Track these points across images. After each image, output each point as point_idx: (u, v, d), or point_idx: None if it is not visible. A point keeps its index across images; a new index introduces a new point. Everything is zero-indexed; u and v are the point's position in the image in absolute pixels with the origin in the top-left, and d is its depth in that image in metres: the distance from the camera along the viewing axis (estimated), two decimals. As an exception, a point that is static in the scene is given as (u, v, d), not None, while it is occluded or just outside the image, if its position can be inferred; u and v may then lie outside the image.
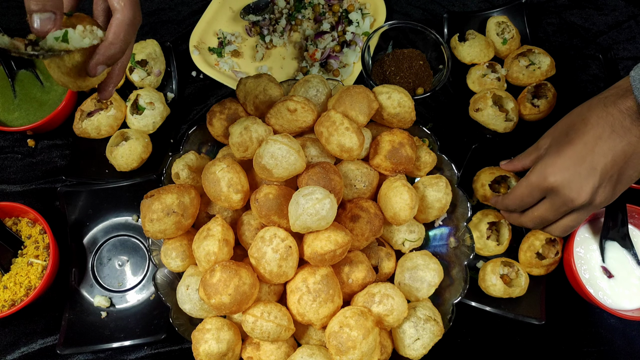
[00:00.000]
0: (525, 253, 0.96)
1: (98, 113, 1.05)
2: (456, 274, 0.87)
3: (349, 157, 0.84)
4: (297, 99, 0.83)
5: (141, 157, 1.03)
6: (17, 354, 0.96)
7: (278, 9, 1.20)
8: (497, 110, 1.04)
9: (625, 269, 0.95)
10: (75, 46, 0.60)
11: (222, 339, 0.78)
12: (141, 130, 1.06)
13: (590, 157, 0.74)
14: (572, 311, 0.98)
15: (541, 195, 0.79)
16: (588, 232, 0.98)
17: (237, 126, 0.84)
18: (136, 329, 0.95)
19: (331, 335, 0.74)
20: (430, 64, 1.09)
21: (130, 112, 1.07)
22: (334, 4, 1.20)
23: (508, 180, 1.00)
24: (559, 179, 0.75)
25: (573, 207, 0.76)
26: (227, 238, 0.79)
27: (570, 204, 0.76)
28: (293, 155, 0.76)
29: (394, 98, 0.89)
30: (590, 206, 0.77)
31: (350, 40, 1.17)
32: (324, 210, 0.72)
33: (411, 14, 1.23)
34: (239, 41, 1.20)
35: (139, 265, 1.02)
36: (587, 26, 1.21)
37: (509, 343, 0.96)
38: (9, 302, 0.93)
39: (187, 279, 0.82)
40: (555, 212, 0.79)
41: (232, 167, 0.81)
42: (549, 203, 0.79)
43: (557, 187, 0.75)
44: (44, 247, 0.97)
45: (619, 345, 0.97)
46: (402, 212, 0.82)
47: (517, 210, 0.85)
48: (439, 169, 0.94)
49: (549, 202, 0.79)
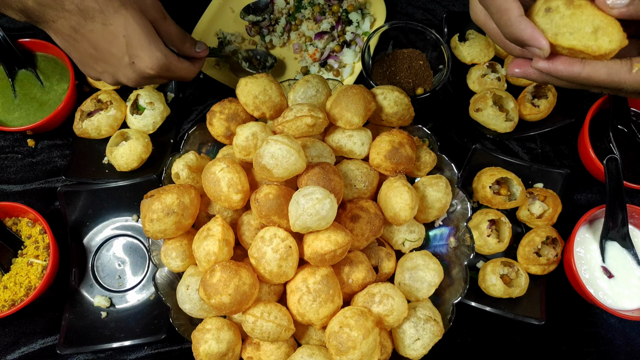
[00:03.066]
0: (524, 248, 0.96)
1: (98, 113, 1.05)
2: (456, 274, 0.87)
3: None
4: (315, 114, 0.83)
5: (141, 157, 1.03)
6: (17, 354, 0.96)
7: (278, 9, 1.20)
8: (497, 110, 1.04)
9: (625, 269, 0.95)
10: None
11: (222, 339, 0.78)
12: (141, 130, 1.06)
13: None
14: (572, 311, 0.98)
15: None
16: (588, 232, 0.98)
17: (246, 129, 0.84)
18: (136, 329, 0.95)
19: (331, 335, 0.74)
20: (430, 64, 1.09)
21: (130, 112, 1.07)
22: (334, 4, 1.20)
23: (509, 181, 1.00)
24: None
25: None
26: (227, 238, 0.79)
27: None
28: (293, 155, 0.76)
29: (390, 97, 0.89)
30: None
31: (350, 40, 1.17)
32: (324, 210, 0.72)
33: (411, 14, 1.23)
34: (239, 41, 1.20)
35: (139, 265, 1.02)
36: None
37: (509, 343, 0.96)
38: (9, 302, 0.93)
39: (187, 279, 0.82)
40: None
41: (232, 167, 0.81)
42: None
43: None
44: (44, 247, 0.97)
45: (619, 345, 0.97)
46: (402, 212, 0.82)
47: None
48: (439, 169, 0.94)
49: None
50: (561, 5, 0.55)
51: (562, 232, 0.98)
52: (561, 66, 0.56)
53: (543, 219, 0.99)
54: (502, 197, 0.99)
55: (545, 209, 0.98)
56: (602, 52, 0.54)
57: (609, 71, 0.55)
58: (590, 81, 0.57)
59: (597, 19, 0.54)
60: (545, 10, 0.55)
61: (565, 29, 0.55)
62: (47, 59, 1.12)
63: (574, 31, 0.55)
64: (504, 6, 0.56)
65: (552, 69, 0.57)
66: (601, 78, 0.56)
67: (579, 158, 1.09)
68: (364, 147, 0.88)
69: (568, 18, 0.54)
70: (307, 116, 0.82)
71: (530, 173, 1.05)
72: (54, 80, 1.10)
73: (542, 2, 0.57)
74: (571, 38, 0.55)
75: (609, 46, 0.54)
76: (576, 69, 0.56)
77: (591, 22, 0.54)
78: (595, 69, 0.56)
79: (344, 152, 0.89)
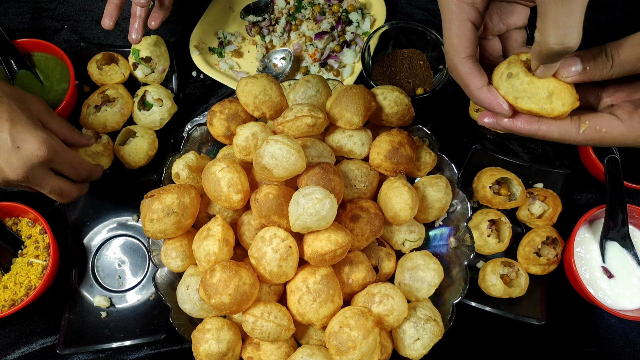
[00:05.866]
0: (524, 248, 0.96)
1: (105, 108, 1.05)
2: (456, 274, 0.87)
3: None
4: (315, 114, 0.83)
5: (148, 154, 1.04)
6: (17, 354, 0.96)
7: (278, 9, 1.20)
8: (497, 110, 1.04)
9: (626, 269, 0.95)
10: None
11: (222, 339, 0.78)
12: (148, 126, 1.07)
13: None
14: (572, 311, 0.98)
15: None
16: (588, 232, 0.98)
17: (246, 129, 0.84)
18: (136, 329, 0.95)
19: (331, 335, 0.74)
20: (430, 64, 1.09)
21: (138, 108, 1.07)
22: (334, 4, 1.20)
23: (509, 181, 1.00)
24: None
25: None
26: (227, 238, 0.79)
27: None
28: (293, 155, 0.76)
29: (390, 97, 0.89)
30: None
31: (350, 40, 1.17)
32: (324, 210, 0.72)
33: (411, 14, 1.23)
34: (239, 41, 1.20)
35: (139, 265, 1.02)
36: (587, 26, 1.21)
37: (509, 343, 0.96)
38: (9, 302, 0.93)
39: (187, 279, 0.82)
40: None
41: (232, 167, 0.81)
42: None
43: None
44: (44, 247, 0.97)
45: (619, 345, 0.97)
46: (403, 212, 0.82)
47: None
48: (439, 169, 0.94)
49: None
50: (521, 73, 0.62)
51: (562, 232, 0.99)
52: (521, 124, 0.65)
53: (543, 219, 0.99)
54: (502, 197, 0.99)
55: (545, 209, 0.98)
56: (556, 114, 0.62)
57: (561, 131, 0.63)
58: (546, 138, 0.65)
59: (552, 84, 0.61)
60: (507, 76, 0.62)
61: (524, 93, 0.62)
62: (47, 59, 1.12)
63: (532, 96, 0.61)
64: (465, 81, 0.65)
65: (513, 127, 0.65)
66: (554, 136, 0.64)
67: (579, 158, 1.09)
68: (364, 147, 0.88)
69: (527, 84, 0.61)
70: (307, 116, 0.82)
71: (530, 173, 1.05)
72: (54, 80, 1.10)
73: (505, 67, 0.63)
74: (529, 102, 0.62)
75: (562, 109, 0.61)
76: (533, 127, 0.64)
77: (546, 87, 0.61)
78: (550, 128, 0.64)
79: (344, 152, 0.89)
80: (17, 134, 0.78)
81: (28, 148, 0.79)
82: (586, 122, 0.63)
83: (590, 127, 0.63)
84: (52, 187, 0.86)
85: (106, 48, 1.15)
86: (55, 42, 1.15)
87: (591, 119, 0.63)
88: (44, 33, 1.21)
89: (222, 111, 0.90)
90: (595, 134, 0.63)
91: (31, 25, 1.22)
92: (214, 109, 0.91)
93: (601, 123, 0.63)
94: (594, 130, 0.63)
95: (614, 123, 0.62)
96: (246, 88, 0.89)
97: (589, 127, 0.63)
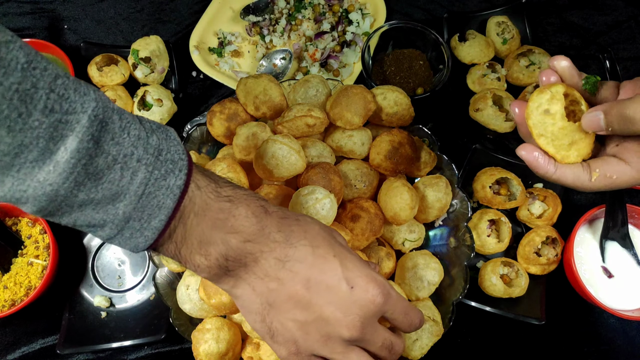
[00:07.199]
0: (524, 248, 0.96)
1: None
2: (456, 273, 0.87)
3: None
4: (315, 114, 0.83)
5: None
6: (18, 354, 0.96)
7: (278, 9, 1.20)
8: (497, 110, 1.04)
9: (625, 269, 0.95)
10: None
11: (222, 339, 0.78)
12: None
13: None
14: (572, 311, 0.98)
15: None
16: (588, 232, 0.98)
17: (245, 129, 0.84)
18: (136, 329, 0.95)
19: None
20: (430, 64, 1.09)
21: (138, 109, 1.07)
22: (334, 4, 1.20)
23: (509, 181, 1.00)
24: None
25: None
26: (227, 238, 0.79)
27: None
28: (294, 155, 0.76)
29: (390, 98, 0.89)
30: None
31: (350, 40, 1.17)
32: (324, 210, 0.72)
33: (411, 14, 1.23)
34: (239, 41, 1.20)
35: (139, 265, 1.02)
36: (587, 26, 1.21)
37: (509, 343, 0.96)
38: (9, 302, 0.93)
39: (187, 279, 0.82)
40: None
41: (232, 167, 0.81)
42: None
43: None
44: (44, 247, 0.97)
45: (619, 345, 0.97)
46: (403, 212, 0.82)
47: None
48: (439, 169, 0.94)
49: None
50: (558, 115, 0.63)
51: (562, 232, 0.98)
52: (542, 161, 0.67)
53: (543, 219, 0.99)
54: (502, 197, 0.99)
55: (545, 209, 0.98)
56: (566, 162, 0.66)
57: (574, 177, 0.66)
58: (559, 182, 0.68)
59: (577, 135, 0.65)
60: (544, 111, 0.64)
61: (550, 135, 0.64)
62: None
63: (555, 139, 0.64)
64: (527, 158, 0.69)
65: (534, 161, 0.68)
66: (568, 182, 0.67)
67: (579, 158, 1.09)
68: (364, 147, 0.88)
69: (557, 129, 0.64)
70: (307, 116, 0.82)
71: (530, 173, 1.03)
72: (54, 80, 1.10)
73: (546, 100, 0.64)
74: (550, 144, 0.65)
75: (574, 159, 0.66)
76: (550, 169, 0.67)
77: (572, 137, 0.64)
78: (565, 174, 0.67)
79: (344, 152, 0.89)
80: (347, 272, 0.59)
81: (361, 288, 0.59)
82: (596, 170, 0.65)
83: (601, 174, 0.65)
84: (384, 341, 0.62)
85: (106, 48, 1.15)
86: (55, 42, 1.15)
87: (600, 166, 0.65)
88: (44, 33, 1.21)
89: (222, 111, 0.90)
90: (607, 180, 0.65)
91: (31, 25, 1.22)
92: (213, 109, 0.91)
93: (611, 170, 0.65)
94: (605, 178, 0.65)
95: (623, 168, 0.64)
96: (246, 88, 0.89)
97: (600, 175, 0.65)
